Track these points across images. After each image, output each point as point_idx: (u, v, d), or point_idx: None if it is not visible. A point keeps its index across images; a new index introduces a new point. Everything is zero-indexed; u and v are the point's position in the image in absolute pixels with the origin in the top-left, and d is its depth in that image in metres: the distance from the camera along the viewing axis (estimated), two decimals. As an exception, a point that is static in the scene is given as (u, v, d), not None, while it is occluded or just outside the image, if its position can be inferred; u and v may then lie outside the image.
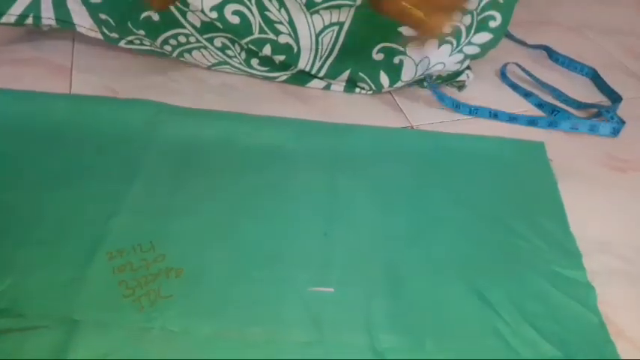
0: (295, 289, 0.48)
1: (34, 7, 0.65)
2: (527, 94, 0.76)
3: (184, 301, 0.46)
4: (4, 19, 0.64)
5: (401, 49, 0.68)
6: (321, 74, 0.71)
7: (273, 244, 0.52)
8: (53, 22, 0.66)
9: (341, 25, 0.67)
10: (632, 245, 0.56)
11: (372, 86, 0.71)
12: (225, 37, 0.68)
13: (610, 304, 0.50)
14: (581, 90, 0.79)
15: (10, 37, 0.74)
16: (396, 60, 0.68)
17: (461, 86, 0.75)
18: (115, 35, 0.68)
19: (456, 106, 0.71)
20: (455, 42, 0.68)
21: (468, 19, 0.67)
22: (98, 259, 0.48)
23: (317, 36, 0.67)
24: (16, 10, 0.64)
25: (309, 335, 0.45)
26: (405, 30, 0.67)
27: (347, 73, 0.70)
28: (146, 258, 0.49)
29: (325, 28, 0.67)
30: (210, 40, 0.69)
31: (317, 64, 0.70)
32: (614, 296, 0.51)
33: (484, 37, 0.68)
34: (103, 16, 0.66)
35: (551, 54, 0.84)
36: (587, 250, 0.55)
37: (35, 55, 0.72)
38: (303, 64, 0.69)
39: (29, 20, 0.65)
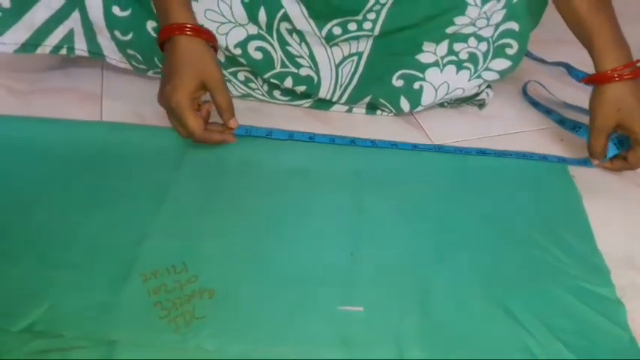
0: (324, 308, 0.49)
1: (68, 39, 0.67)
2: (548, 112, 0.76)
3: (217, 322, 0.47)
4: (40, 50, 0.67)
5: (420, 75, 0.69)
6: (342, 101, 0.72)
7: (301, 264, 0.53)
8: (86, 54, 0.69)
9: (360, 55, 0.69)
10: (660, 260, 0.56)
11: (393, 110, 0.72)
12: (248, 72, 0.70)
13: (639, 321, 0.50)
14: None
15: (42, 66, 0.77)
16: (416, 85, 0.70)
17: (481, 105, 0.76)
18: (143, 67, 0.71)
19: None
20: (473, 67, 0.69)
21: (484, 46, 0.68)
22: (132, 281, 0.50)
23: (337, 67, 0.69)
24: (52, 41, 0.67)
25: (338, 354, 0.46)
26: (423, 57, 0.68)
27: (367, 99, 0.72)
28: (180, 279, 0.50)
29: (345, 58, 0.69)
30: (234, 74, 0.71)
31: (337, 93, 0.71)
32: (643, 313, 0.51)
33: (502, 63, 0.69)
34: (131, 52, 0.68)
35: (571, 70, 0.85)
36: (614, 266, 0.55)
37: (67, 84, 0.75)
38: (324, 93, 0.71)
39: (63, 51, 0.68)
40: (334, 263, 0.53)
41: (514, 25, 0.68)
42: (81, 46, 0.68)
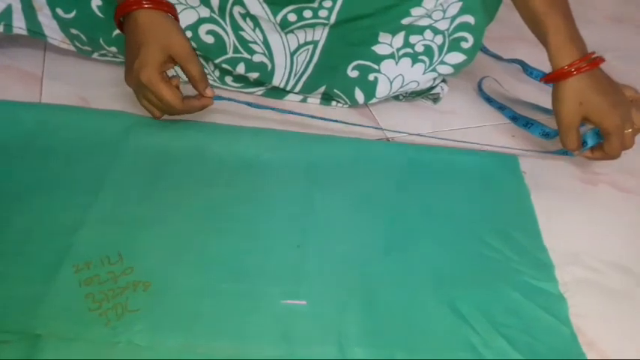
0: (266, 302, 0.48)
1: (6, 15, 0.63)
2: (501, 107, 0.76)
3: (152, 315, 0.45)
4: (-26, 26, 0.63)
5: (375, 66, 0.68)
6: (296, 90, 0.71)
7: (245, 257, 0.51)
8: (25, 32, 0.65)
9: (315, 43, 0.67)
10: (603, 257, 0.57)
11: (347, 101, 0.71)
12: (200, 56, 0.68)
13: (581, 316, 0.51)
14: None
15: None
16: (371, 77, 0.69)
17: (435, 99, 0.76)
18: (87, 48, 0.68)
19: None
20: (428, 60, 0.68)
21: (439, 39, 0.68)
22: (64, 272, 0.47)
23: (292, 55, 0.68)
24: (-14, 17, 0.63)
25: (278, 350, 0.45)
26: (379, 48, 0.67)
27: (322, 89, 0.71)
28: (114, 271, 0.48)
29: (300, 47, 0.68)
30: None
31: (292, 81, 0.70)
32: (585, 307, 0.51)
33: (457, 57, 0.69)
34: (74, 31, 0.65)
35: (526, 68, 0.86)
36: (559, 262, 0.55)
37: (5, 63, 0.71)
38: (278, 81, 0.69)
39: (0, 28, 0.64)
40: (279, 256, 0.52)
41: (470, 19, 0.68)
42: (19, 24, 0.64)
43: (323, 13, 0.65)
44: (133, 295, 0.46)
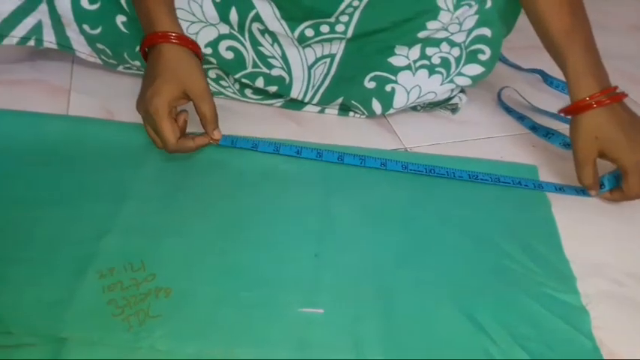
0: (283, 310, 0.48)
1: (37, 30, 0.66)
2: (521, 118, 0.76)
3: (172, 322, 0.46)
4: (7, 41, 0.66)
5: (392, 77, 0.69)
6: (314, 102, 0.72)
7: (263, 265, 0.52)
8: (55, 46, 0.68)
9: (332, 56, 0.68)
10: (626, 269, 0.56)
11: (365, 112, 0.72)
12: (220, 69, 0.69)
13: (604, 328, 0.50)
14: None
15: (10, 57, 0.75)
16: (388, 88, 0.69)
17: (454, 109, 0.76)
18: (113, 62, 0.70)
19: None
20: (445, 72, 0.69)
21: (456, 51, 0.68)
22: (88, 278, 0.48)
23: (309, 68, 0.69)
24: (19, 32, 0.65)
25: (295, 357, 0.45)
26: (395, 60, 0.68)
27: (339, 100, 0.71)
28: (136, 277, 0.49)
29: (317, 60, 0.68)
30: (205, 72, 0.70)
31: (309, 93, 0.71)
32: (608, 320, 0.51)
33: (475, 69, 0.69)
34: (100, 46, 0.67)
35: (546, 78, 0.85)
36: (581, 274, 0.54)
37: (34, 76, 0.73)
38: (296, 93, 0.70)
39: (31, 42, 0.67)
40: (297, 265, 0.52)
41: (486, 31, 0.68)
42: (49, 39, 0.67)
43: (340, 27, 0.65)
44: (154, 302, 0.47)
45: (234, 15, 0.64)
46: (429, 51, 0.68)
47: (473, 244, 0.56)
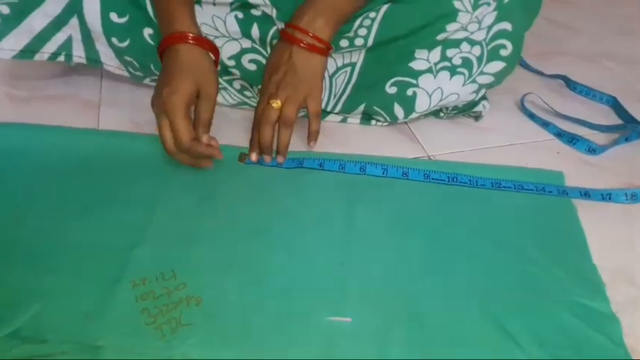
0: (311, 318, 0.49)
1: (66, 46, 0.68)
2: (545, 124, 0.76)
3: (203, 330, 0.47)
4: (38, 57, 0.68)
5: (413, 81, 0.69)
6: (337, 110, 0.72)
7: (290, 273, 0.52)
8: (84, 61, 0.69)
9: (353, 65, 0.69)
10: (656, 275, 0.55)
11: (387, 118, 0.72)
12: (244, 81, 0.70)
13: (635, 336, 0.49)
14: (602, 118, 0.79)
15: (43, 74, 0.78)
16: (410, 92, 0.69)
17: (477, 116, 0.76)
18: (139, 74, 0.71)
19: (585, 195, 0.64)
20: (467, 72, 0.68)
21: (477, 50, 0.68)
22: (121, 287, 0.49)
23: (330, 77, 0.69)
24: (50, 48, 0.67)
25: (323, 365, 0.45)
26: (416, 64, 0.68)
27: (362, 107, 0.71)
28: (168, 286, 0.50)
29: (338, 69, 0.69)
30: (230, 82, 0.71)
31: (331, 102, 0.71)
32: (638, 327, 0.50)
33: (497, 66, 0.69)
34: (127, 58, 0.69)
35: (570, 83, 0.85)
36: (609, 281, 0.54)
37: (66, 92, 0.76)
38: None
39: (61, 58, 0.69)
40: (324, 273, 0.53)
41: (507, 26, 0.67)
42: (79, 53, 0.69)
43: (359, 41, 0.66)
44: (186, 310, 0.48)
45: (255, 31, 0.65)
46: (450, 52, 0.67)
47: (499, 252, 0.56)
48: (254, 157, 0.64)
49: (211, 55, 0.62)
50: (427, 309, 0.50)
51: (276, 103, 0.61)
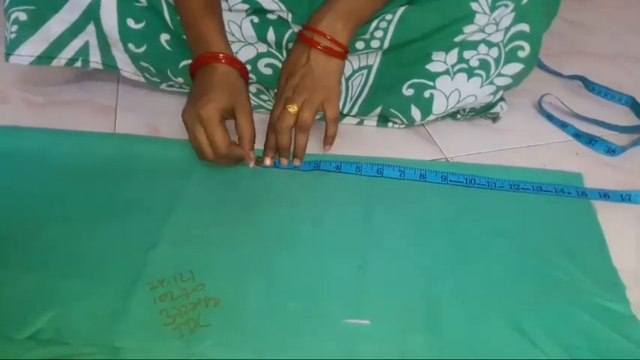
0: (330, 321, 0.48)
1: (83, 52, 0.69)
2: (563, 125, 0.75)
3: (222, 331, 0.47)
4: (55, 63, 0.68)
5: (430, 83, 0.68)
6: (353, 113, 0.72)
7: (309, 276, 0.52)
8: (100, 66, 0.70)
9: (369, 68, 0.69)
10: (678, 277, 0.54)
11: (404, 120, 0.72)
12: (260, 85, 0.71)
13: (656, 338, 0.48)
14: (621, 118, 0.78)
15: (59, 79, 0.79)
16: (427, 94, 0.69)
17: (495, 118, 0.75)
18: (156, 79, 0.72)
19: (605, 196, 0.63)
20: (484, 74, 0.68)
21: (495, 52, 0.67)
22: (139, 289, 0.50)
23: (347, 80, 0.69)
24: (67, 54, 0.68)
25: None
26: (433, 66, 0.68)
27: (378, 110, 0.71)
28: (186, 287, 0.50)
29: (354, 72, 0.69)
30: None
31: (348, 105, 0.71)
32: (660, 330, 0.49)
33: (515, 67, 0.68)
34: (144, 64, 0.69)
35: (588, 84, 0.84)
36: (630, 283, 0.53)
37: (83, 97, 0.76)
38: None
39: (78, 63, 0.69)
40: (342, 275, 0.52)
41: (524, 27, 0.66)
42: (95, 59, 0.69)
43: (375, 43, 0.66)
44: (204, 311, 0.48)
45: (271, 35, 0.66)
46: (467, 54, 0.67)
47: (518, 254, 0.56)
48: (268, 161, 0.64)
49: (242, 76, 0.62)
50: (446, 312, 0.50)
51: (293, 108, 0.61)
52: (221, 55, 0.60)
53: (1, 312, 0.47)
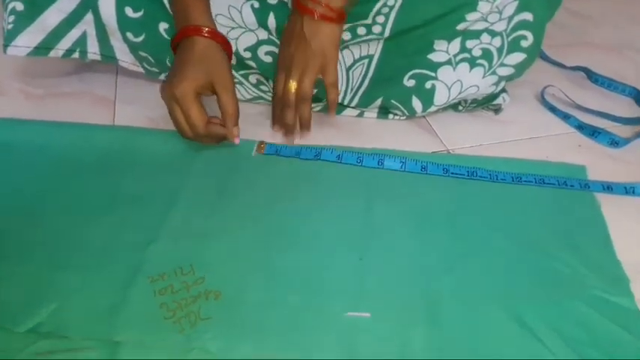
0: (331, 314, 0.48)
1: (81, 42, 0.68)
2: (566, 116, 0.75)
3: (223, 324, 0.47)
4: (53, 54, 0.68)
5: (432, 74, 0.68)
6: (353, 104, 0.72)
7: (309, 269, 0.52)
8: (98, 57, 0.69)
9: (370, 57, 0.68)
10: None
11: (405, 112, 0.71)
12: (260, 74, 0.70)
13: (660, 332, 0.48)
14: (624, 110, 0.77)
15: (58, 71, 0.78)
16: (428, 85, 0.68)
17: (497, 110, 0.75)
18: (155, 70, 0.71)
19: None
20: (487, 64, 0.67)
21: (497, 41, 0.66)
22: (139, 283, 0.49)
23: (347, 70, 0.69)
24: (64, 45, 0.67)
25: (342, 360, 0.45)
26: (435, 56, 0.67)
27: (379, 101, 0.71)
28: (186, 281, 0.50)
29: (355, 62, 0.68)
30: (246, 77, 0.71)
31: (348, 96, 0.71)
32: (664, 323, 0.49)
33: (517, 57, 0.68)
34: (143, 54, 0.69)
35: (591, 75, 0.83)
36: (634, 276, 0.53)
37: (81, 88, 0.76)
38: None
39: (76, 54, 0.69)
40: (342, 269, 0.52)
41: (528, 16, 0.66)
42: (93, 50, 0.69)
43: (377, 28, 0.65)
44: (205, 304, 0.48)
45: (272, 21, 0.65)
46: (470, 44, 0.66)
47: (520, 247, 0.55)
48: (277, 128, 0.66)
49: (225, 51, 0.61)
50: (447, 304, 0.50)
51: (294, 85, 0.62)
52: (205, 28, 0.59)
53: (1, 305, 0.47)
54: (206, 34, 0.59)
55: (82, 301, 0.48)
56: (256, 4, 0.65)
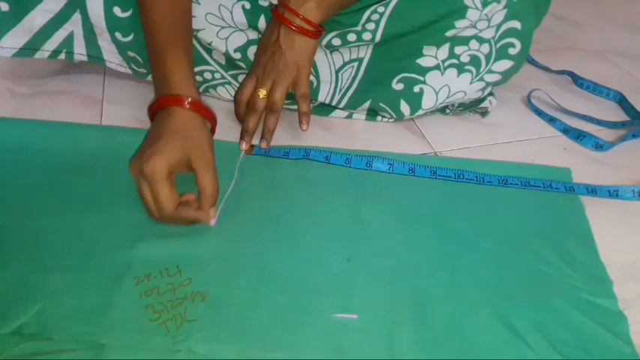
0: (318, 315, 0.48)
1: (68, 43, 0.67)
2: (552, 120, 0.75)
3: (209, 326, 0.46)
4: (39, 55, 0.67)
5: (420, 78, 0.68)
6: (342, 105, 0.72)
7: (296, 269, 0.52)
8: (85, 58, 0.69)
9: (360, 60, 0.68)
10: (665, 272, 0.55)
11: (393, 114, 0.71)
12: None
13: (643, 333, 0.49)
14: (609, 114, 0.78)
15: (45, 70, 0.78)
16: (416, 89, 0.69)
17: (484, 113, 0.75)
18: (143, 70, 0.71)
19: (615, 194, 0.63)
20: (475, 70, 0.68)
21: (486, 48, 0.67)
22: (125, 284, 0.49)
23: (337, 72, 0.69)
24: (50, 45, 0.67)
25: (329, 361, 0.45)
26: (423, 61, 0.67)
27: (367, 104, 0.71)
28: (172, 282, 0.49)
29: (345, 64, 0.69)
30: (235, 77, 0.71)
31: (337, 97, 0.71)
32: (647, 325, 0.49)
33: (505, 64, 0.68)
34: (131, 54, 0.68)
35: (576, 79, 0.84)
36: (617, 278, 0.53)
37: (68, 88, 0.75)
38: (323, 97, 0.71)
39: (62, 56, 0.68)
40: (330, 270, 0.52)
41: (516, 24, 0.67)
42: (80, 50, 0.68)
43: (367, 35, 0.66)
44: (191, 306, 0.48)
45: (262, 22, 0.65)
46: (458, 50, 0.67)
47: (506, 248, 0.56)
48: (244, 145, 0.64)
49: (208, 124, 0.57)
50: (434, 306, 0.50)
51: (263, 93, 0.61)
52: (188, 99, 0.53)
53: (-15, 306, 0.46)
54: (188, 106, 0.53)
55: (67, 302, 0.47)
56: (247, 5, 0.65)
